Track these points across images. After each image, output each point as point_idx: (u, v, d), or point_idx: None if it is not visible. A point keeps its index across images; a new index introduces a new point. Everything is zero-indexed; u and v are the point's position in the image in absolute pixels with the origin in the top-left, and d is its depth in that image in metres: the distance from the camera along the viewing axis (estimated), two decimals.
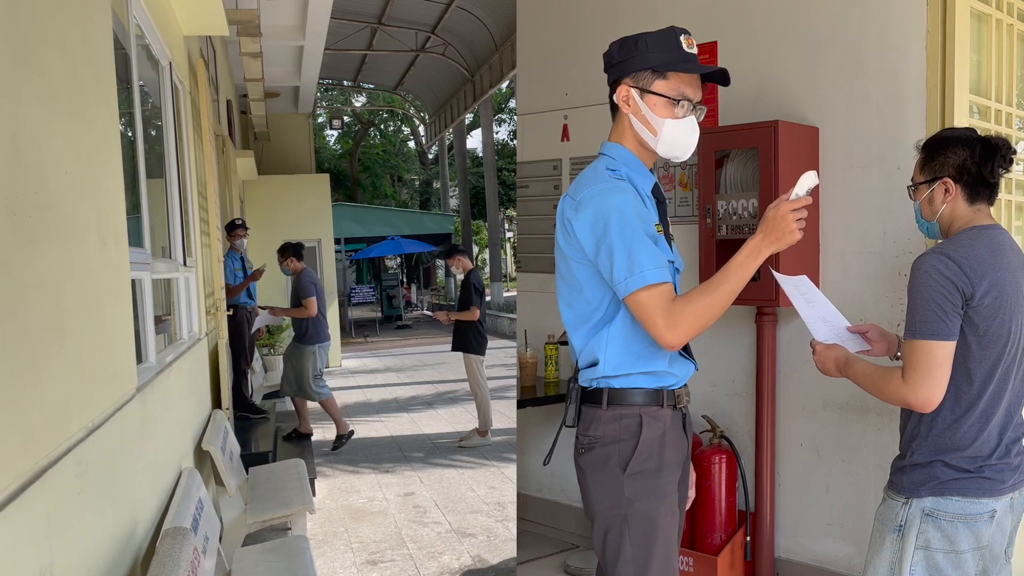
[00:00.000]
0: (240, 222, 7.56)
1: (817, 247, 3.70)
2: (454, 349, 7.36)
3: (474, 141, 30.33)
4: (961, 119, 3.34)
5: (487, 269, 24.67)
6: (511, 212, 32.97)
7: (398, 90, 22.26)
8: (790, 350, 3.81)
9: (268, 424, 6.71)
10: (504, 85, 21.79)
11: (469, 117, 24.06)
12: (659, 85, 2.11)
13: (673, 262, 2.18)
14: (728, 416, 4.01)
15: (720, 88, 4.01)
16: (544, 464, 2.44)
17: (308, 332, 7.05)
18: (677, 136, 2.13)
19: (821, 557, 3.77)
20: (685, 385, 2.22)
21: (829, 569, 3.74)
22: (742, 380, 3.98)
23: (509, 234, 34.50)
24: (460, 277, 7.48)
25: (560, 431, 2.27)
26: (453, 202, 28.34)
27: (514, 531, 4.94)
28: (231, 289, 7.04)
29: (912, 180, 2.36)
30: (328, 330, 7.27)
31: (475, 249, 26.63)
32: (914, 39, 3.41)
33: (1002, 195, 3.56)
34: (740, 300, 3.59)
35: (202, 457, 3.91)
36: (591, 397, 2.18)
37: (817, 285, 3.65)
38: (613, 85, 2.18)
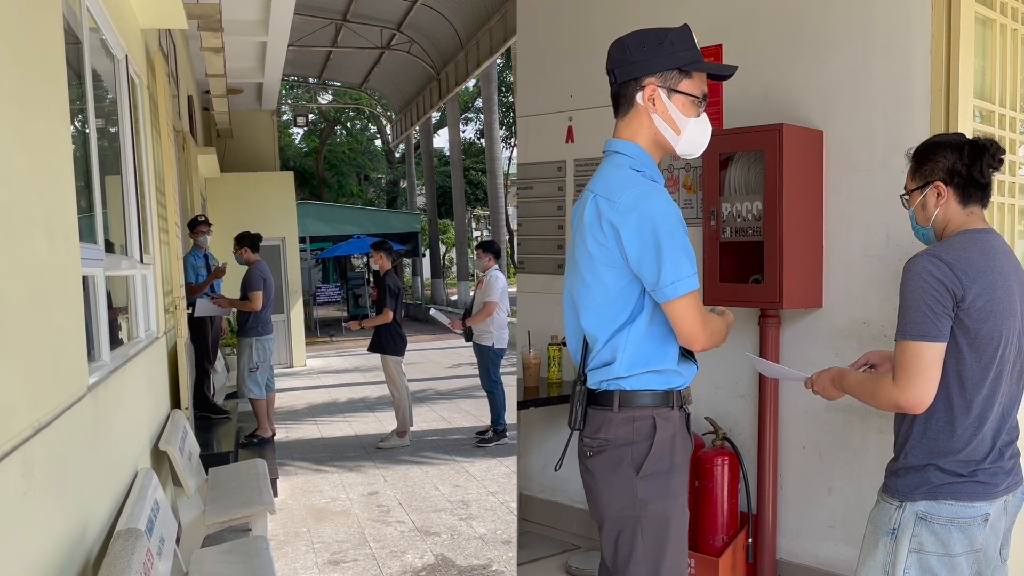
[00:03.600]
0: (203, 218, 7.45)
1: (821, 250, 3.69)
2: (370, 350, 7.32)
3: (441, 140, 30.24)
4: (965, 123, 3.35)
5: (454, 268, 24.61)
6: (478, 212, 32.93)
7: (364, 88, 22.15)
8: (793, 352, 3.80)
9: (230, 424, 6.62)
10: (471, 84, 21.75)
11: (436, 116, 24.00)
12: (686, 84, 2.14)
13: None
14: (731, 418, 4.00)
15: (725, 91, 4.00)
16: (556, 470, 2.43)
17: (247, 325, 6.91)
18: (698, 135, 2.17)
19: (823, 559, 3.76)
20: (688, 386, 2.24)
21: (831, 571, 3.73)
22: (745, 382, 3.98)
23: (476, 233, 34.43)
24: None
25: (571, 436, 2.27)
26: (420, 201, 28.22)
27: (478, 529, 4.93)
28: (192, 288, 6.93)
29: (905, 188, 2.38)
30: (271, 325, 7.09)
31: (442, 248, 26.55)
32: (919, 44, 3.41)
33: (1004, 199, 3.58)
34: (743, 302, 3.67)
35: (160, 458, 3.84)
36: (600, 399, 2.17)
37: (820, 289, 3.68)
38: (629, 82, 2.15)
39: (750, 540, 3.79)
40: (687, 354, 2.22)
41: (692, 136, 2.16)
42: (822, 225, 3.69)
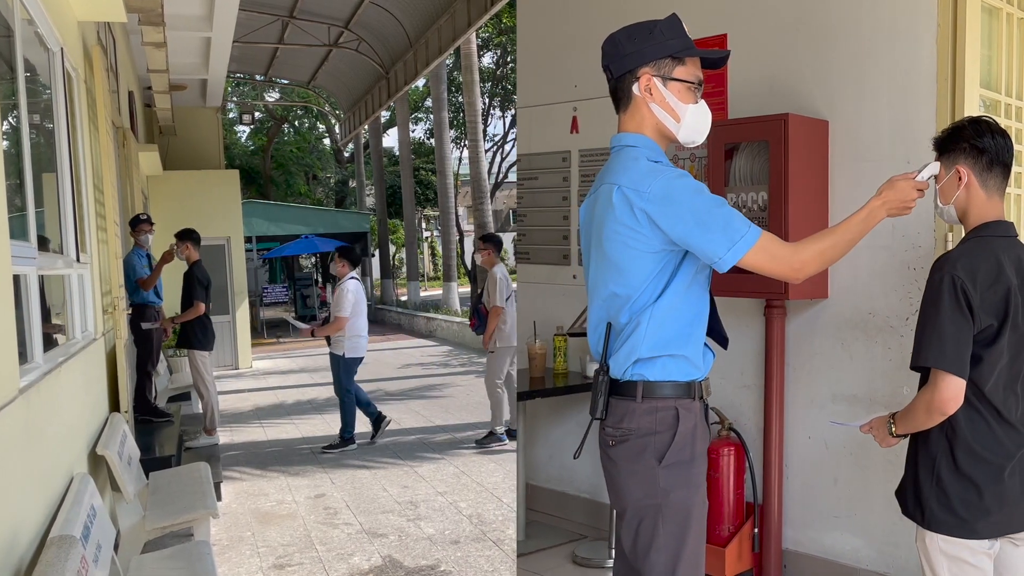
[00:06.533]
0: (145, 217, 7.28)
1: None
2: (178, 346, 7.13)
3: (391, 139, 30.04)
4: (971, 113, 3.32)
5: (404, 268, 24.45)
6: (428, 212, 32.76)
7: (311, 86, 21.90)
8: (799, 343, 3.82)
9: (172, 428, 6.47)
10: (420, 83, 21.63)
11: (386, 115, 23.83)
12: (680, 71, 2.16)
13: None
14: (736, 408, 4.02)
15: (730, 80, 4.00)
16: (575, 457, 2.45)
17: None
18: (698, 121, 2.19)
19: (828, 549, 3.79)
20: (707, 378, 2.27)
21: (836, 561, 3.76)
22: (751, 373, 3.99)
23: (426, 233, 34.28)
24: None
25: (591, 424, 2.28)
26: (370, 201, 27.99)
27: (426, 530, 4.90)
28: (144, 281, 6.78)
29: None
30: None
31: (392, 248, 26.37)
32: (925, 33, 3.42)
33: (1011, 189, 3.54)
34: (749, 292, 3.69)
35: (98, 462, 3.73)
36: (623, 389, 2.19)
37: (826, 280, 3.72)
38: (624, 75, 2.18)
39: (756, 530, 3.82)
40: (705, 343, 2.26)
41: (692, 122, 2.18)
42: (827, 215, 3.69)
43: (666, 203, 2.08)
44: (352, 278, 7.15)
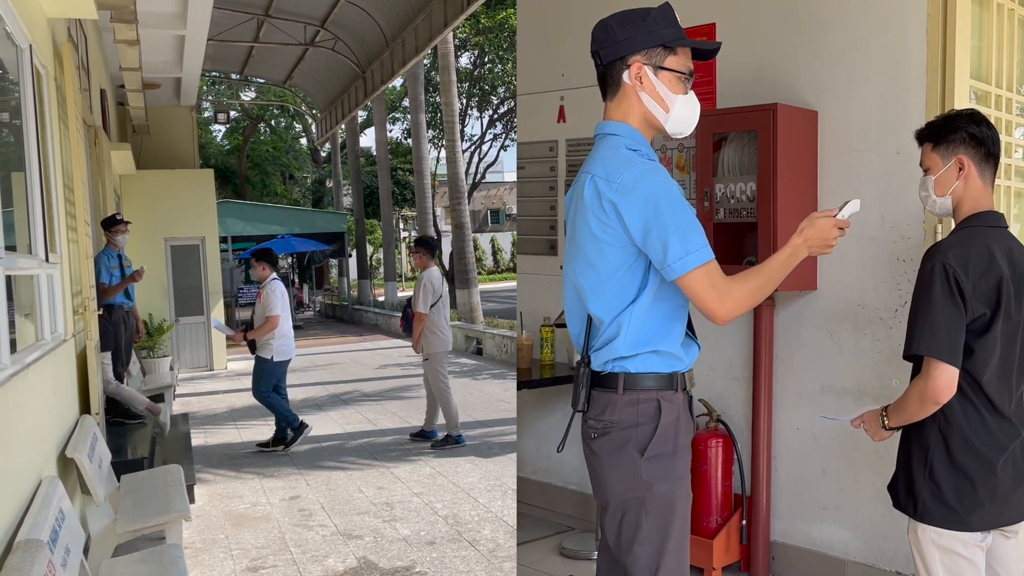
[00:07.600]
0: (120, 217, 7.22)
1: None
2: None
3: (368, 139, 29.94)
4: (961, 104, 3.33)
5: (381, 269, 24.37)
6: (406, 212, 32.67)
7: (288, 85, 21.79)
8: (787, 335, 3.83)
9: (145, 429, 6.38)
10: (397, 83, 21.60)
11: (363, 115, 23.73)
12: (671, 61, 2.14)
13: None
14: (725, 400, 4.02)
15: (719, 70, 3.98)
16: (558, 451, 2.46)
17: None
18: (687, 111, 2.18)
19: (816, 541, 3.80)
20: (691, 369, 2.25)
21: (824, 553, 3.78)
22: (739, 365, 4.00)
23: (404, 234, 34.17)
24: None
25: (573, 417, 2.26)
26: (347, 201, 27.86)
27: (401, 531, 4.87)
28: (107, 289, 6.69)
29: None
30: None
31: (369, 248, 26.26)
32: (915, 23, 3.42)
33: (1001, 181, 3.56)
34: None
35: (68, 465, 3.68)
36: (604, 382, 2.18)
37: (815, 272, 3.73)
38: (615, 62, 2.16)
39: (744, 522, 3.83)
40: (690, 335, 2.25)
41: (681, 113, 2.17)
42: (816, 206, 3.68)
43: (632, 194, 2.06)
44: (275, 279, 7.09)
